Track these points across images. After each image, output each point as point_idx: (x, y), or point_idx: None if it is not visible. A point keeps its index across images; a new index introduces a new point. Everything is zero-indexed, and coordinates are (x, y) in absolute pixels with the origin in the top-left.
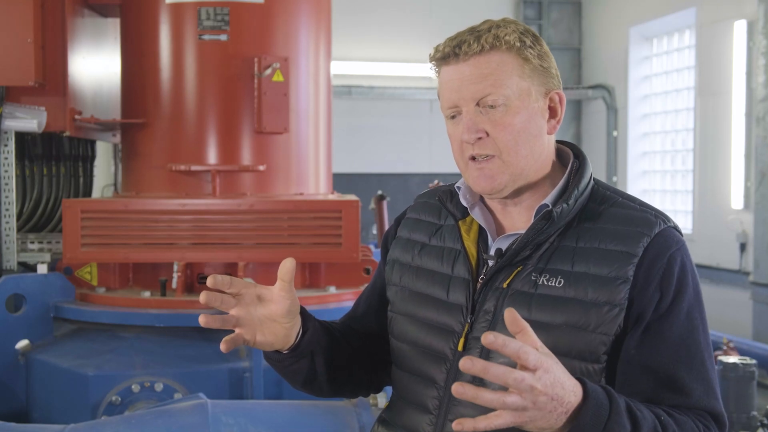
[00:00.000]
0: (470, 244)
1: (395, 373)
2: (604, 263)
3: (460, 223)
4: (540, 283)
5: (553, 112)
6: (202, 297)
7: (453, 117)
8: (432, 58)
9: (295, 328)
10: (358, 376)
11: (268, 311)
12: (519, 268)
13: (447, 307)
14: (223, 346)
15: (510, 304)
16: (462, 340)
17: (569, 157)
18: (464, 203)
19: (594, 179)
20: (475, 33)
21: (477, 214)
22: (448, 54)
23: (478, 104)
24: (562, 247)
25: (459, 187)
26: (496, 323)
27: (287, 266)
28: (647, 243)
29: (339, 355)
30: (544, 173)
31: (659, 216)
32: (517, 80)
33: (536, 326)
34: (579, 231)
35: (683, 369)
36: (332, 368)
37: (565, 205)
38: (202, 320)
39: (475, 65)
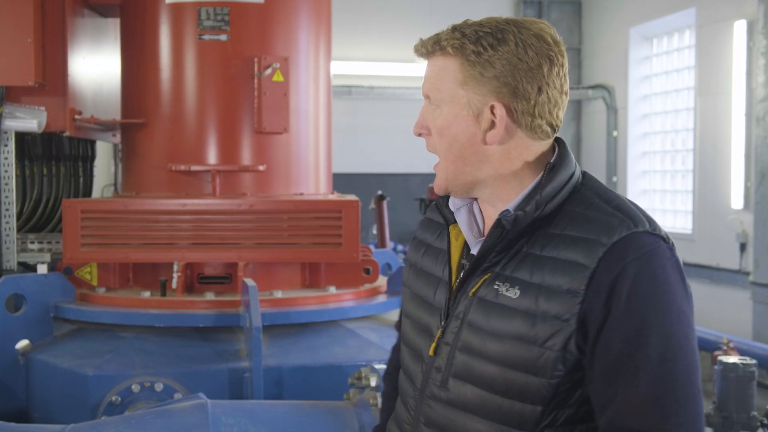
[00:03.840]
0: (456, 248)
1: (401, 371)
2: (558, 274)
3: (451, 227)
4: (500, 292)
5: (492, 124)
6: None
7: None
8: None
9: None
10: None
11: None
12: (487, 276)
13: (431, 310)
14: None
15: (473, 311)
16: (434, 345)
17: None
18: (451, 206)
19: (585, 177)
20: (435, 35)
21: (462, 218)
22: (414, 50)
23: (429, 100)
24: (528, 254)
25: None
26: (463, 329)
27: None
28: (602, 253)
29: None
30: (506, 178)
31: (625, 221)
32: (451, 86)
33: (491, 336)
34: (546, 237)
35: (632, 401)
36: None
37: (520, 213)
38: None
39: (430, 65)
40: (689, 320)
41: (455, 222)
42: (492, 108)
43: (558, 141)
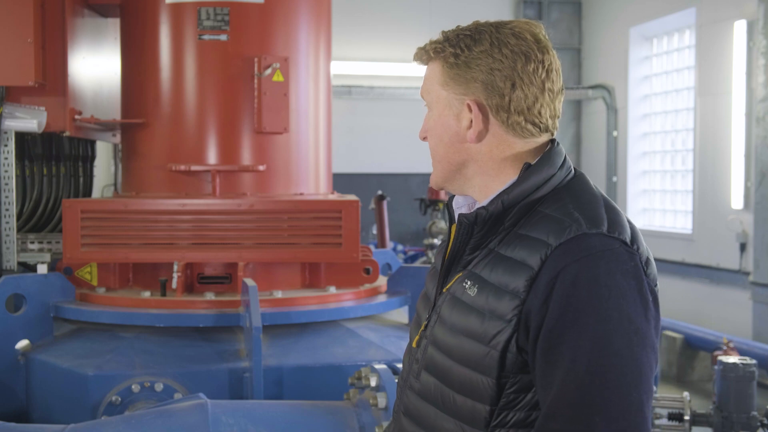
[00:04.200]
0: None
1: None
2: (507, 274)
3: (453, 226)
4: (465, 289)
5: (471, 122)
6: None
7: None
8: None
9: None
10: None
11: None
12: (461, 273)
13: (427, 304)
14: None
15: (445, 307)
16: (417, 337)
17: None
18: (454, 205)
19: (572, 180)
20: (428, 42)
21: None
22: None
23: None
24: (495, 253)
25: None
26: (437, 323)
27: None
28: (546, 254)
29: None
30: (490, 176)
31: (580, 221)
32: (437, 88)
33: (450, 331)
34: (513, 237)
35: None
36: None
37: (482, 210)
38: None
39: (426, 71)
40: (637, 328)
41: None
42: (468, 106)
43: (552, 141)
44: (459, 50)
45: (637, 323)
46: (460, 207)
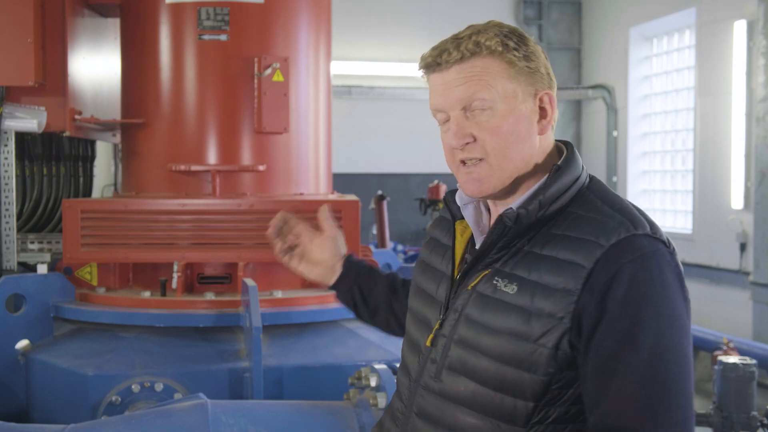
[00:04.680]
0: (460, 243)
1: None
2: (555, 273)
3: (457, 223)
4: (498, 287)
5: (543, 113)
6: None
7: (444, 123)
8: (419, 67)
9: (338, 266)
10: (401, 320)
11: (318, 246)
12: (487, 271)
13: (432, 303)
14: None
15: (471, 305)
16: (431, 336)
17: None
18: (458, 202)
19: (592, 181)
20: (456, 41)
21: (468, 214)
22: (430, 64)
23: (464, 109)
24: (528, 252)
25: (459, 187)
26: (460, 322)
27: (323, 210)
28: (600, 254)
29: (378, 298)
30: (536, 173)
31: (625, 223)
32: (502, 83)
33: (486, 330)
34: (548, 237)
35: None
36: (370, 306)
37: (522, 211)
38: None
39: (458, 71)
40: (684, 325)
41: (462, 218)
42: (542, 98)
43: (566, 144)
44: (518, 45)
45: (683, 320)
46: (464, 204)
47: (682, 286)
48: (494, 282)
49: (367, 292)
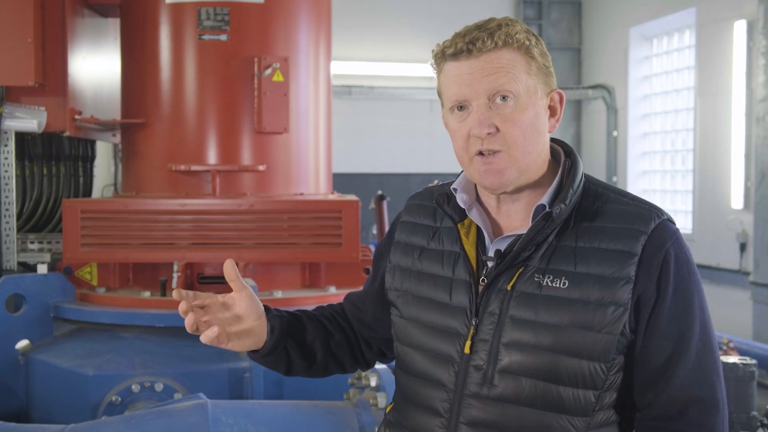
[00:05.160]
0: (470, 246)
1: (400, 376)
2: (605, 263)
3: (459, 226)
4: (544, 284)
5: (553, 111)
6: (180, 307)
7: (461, 109)
8: (438, 54)
9: (263, 326)
10: (340, 358)
11: (233, 314)
12: (521, 270)
13: (450, 310)
14: (202, 338)
15: (516, 305)
16: (468, 343)
17: (560, 155)
18: (462, 205)
19: (585, 175)
20: (486, 30)
21: (475, 216)
22: (461, 50)
23: (489, 99)
24: (561, 246)
25: (455, 189)
26: (503, 325)
27: (228, 267)
28: (645, 240)
29: (315, 342)
30: (543, 171)
31: (653, 210)
32: (525, 77)
33: (543, 327)
34: (577, 230)
35: (680, 364)
36: (308, 355)
37: (562, 205)
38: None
39: (487, 61)
40: (704, 297)
41: (462, 221)
42: (553, 95)
43: (563, 144)
44: (536, 41)
45: (701, 288)
46: (467, 206)
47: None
48: (536, 279)
49: (300, 342)
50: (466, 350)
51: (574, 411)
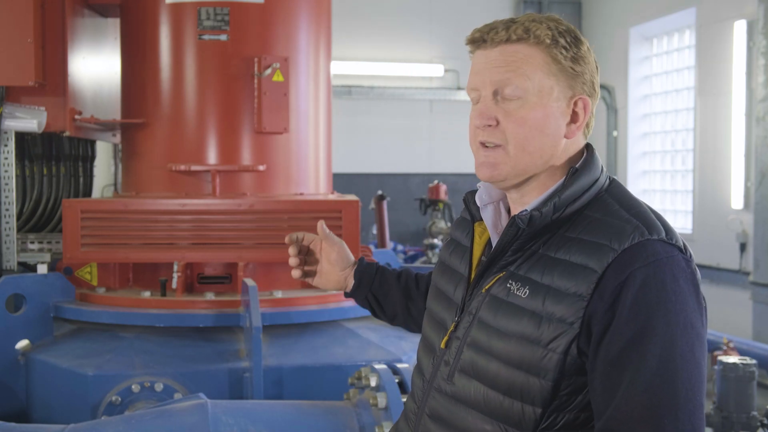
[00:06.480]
0: (479, 245)
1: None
2: (567, 277)
3: (476, 224)
4: (511, 291)
5: (574, 117)
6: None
7: (475, 101)
8: (468, 41)
9: (350, 276)
10: (419, 311)
11: (325, 257)
12: (502, 274)
13: (449, 304)
14: (295, 273)
15: (485, 308)
16: (446, 338)
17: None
18: (478, 203)
19: (612, 184)
20: (508, 23)
21: (487, 215)
22: (477, 38)
23: (495, 92)
24: (542, 256)
25: (479, 187)
26: (473, 325)
27: (320, 227)
28: (612, 258)
29: (397, 295)
30: (554, 175)
31: (639, 228)
32: (540, 76)
33: (496, 334)
34: (562, 240)
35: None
36: (389, 311)
37: (535, 213)
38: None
39: (501, 52)
40: (698, 333)
41: (481, 219)
42: (576, 102)
43: (587, 146)
44: (569, 44)
45: (697, 328)
46: (484, 205)
47: (697, 294)
48: (507, 285)
49: (383, 299)
50: (442, 345)
51: (519, 425)
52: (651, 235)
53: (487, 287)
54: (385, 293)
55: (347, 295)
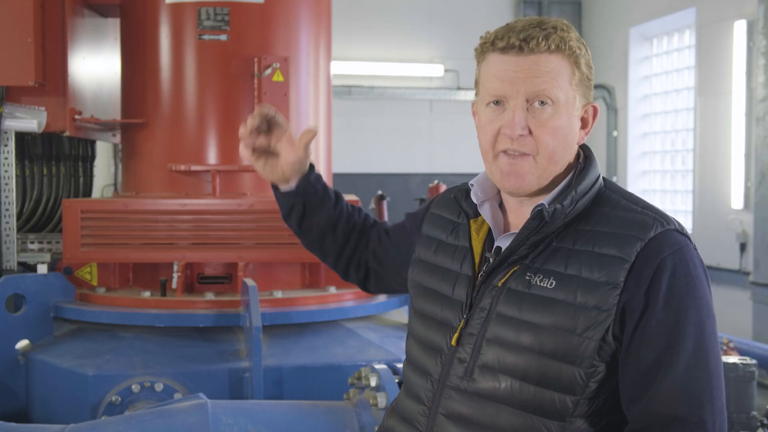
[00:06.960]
0: (477, 242)
1: (405, 366)
2: (596, 267)
3: (471, 222)
4: (533, 283)
5: (584, 123)
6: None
7: (497, 104)
8: (487, 43)
9: (294, 178)
10: (327, 249)
11: (284, 159)
12: (516, 268)
13: (450, 303)
14: (243, 151)
15: (503, 302)
16: (456, 335)
17: (579, 157)
18: (474, 200)
19: (605, 181)
20: (543, 30)
21: (486, 212)
22: (513, 45)
23: (528, 101)
24: (558, 248)
25: (472, 185)
26: (490, 320)
27: (310, 131)
28: (640, 247)
29: (323, 218)
30: (553, 176)
31: (658, 219)
32: (567, 86)
33: (526, 326)
34: (577, 233)
35: (666, 380)
36: (306, 226)
37: (558, 206)
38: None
39: (536, 62)
40: (714, 315)
41: (476, 217)
42: (587, 109)
43: (583, 147)
44: (585, 51)
45: (713, 311)
46: (481, 202)
47: (707, 277)
48: (527, 278)
49: (310, 214)
50: (453, 342)
51: (550, 414)
52: (669, 225)
53: (502, 281)
54: (314, 210)
55: (277, 191)
